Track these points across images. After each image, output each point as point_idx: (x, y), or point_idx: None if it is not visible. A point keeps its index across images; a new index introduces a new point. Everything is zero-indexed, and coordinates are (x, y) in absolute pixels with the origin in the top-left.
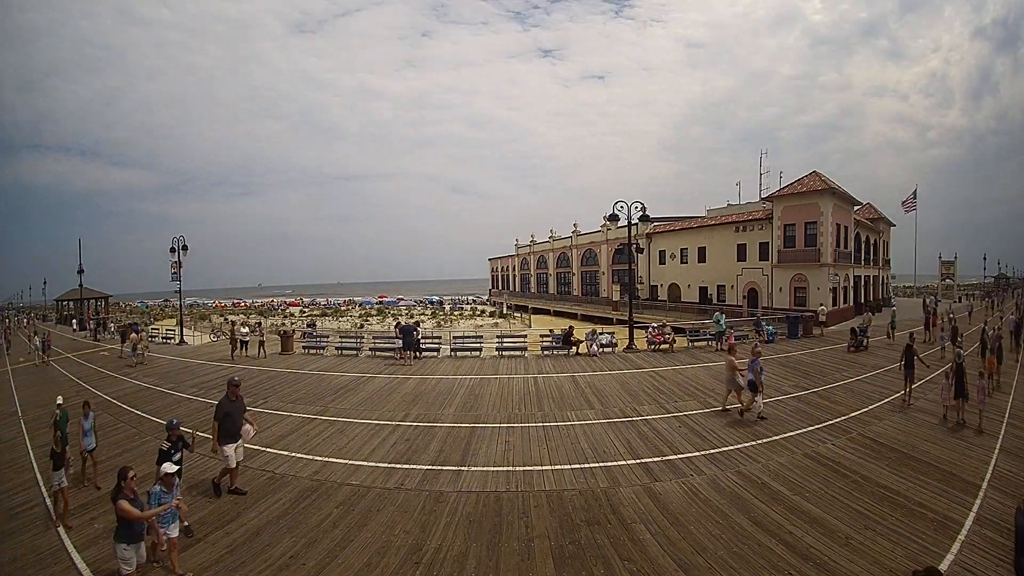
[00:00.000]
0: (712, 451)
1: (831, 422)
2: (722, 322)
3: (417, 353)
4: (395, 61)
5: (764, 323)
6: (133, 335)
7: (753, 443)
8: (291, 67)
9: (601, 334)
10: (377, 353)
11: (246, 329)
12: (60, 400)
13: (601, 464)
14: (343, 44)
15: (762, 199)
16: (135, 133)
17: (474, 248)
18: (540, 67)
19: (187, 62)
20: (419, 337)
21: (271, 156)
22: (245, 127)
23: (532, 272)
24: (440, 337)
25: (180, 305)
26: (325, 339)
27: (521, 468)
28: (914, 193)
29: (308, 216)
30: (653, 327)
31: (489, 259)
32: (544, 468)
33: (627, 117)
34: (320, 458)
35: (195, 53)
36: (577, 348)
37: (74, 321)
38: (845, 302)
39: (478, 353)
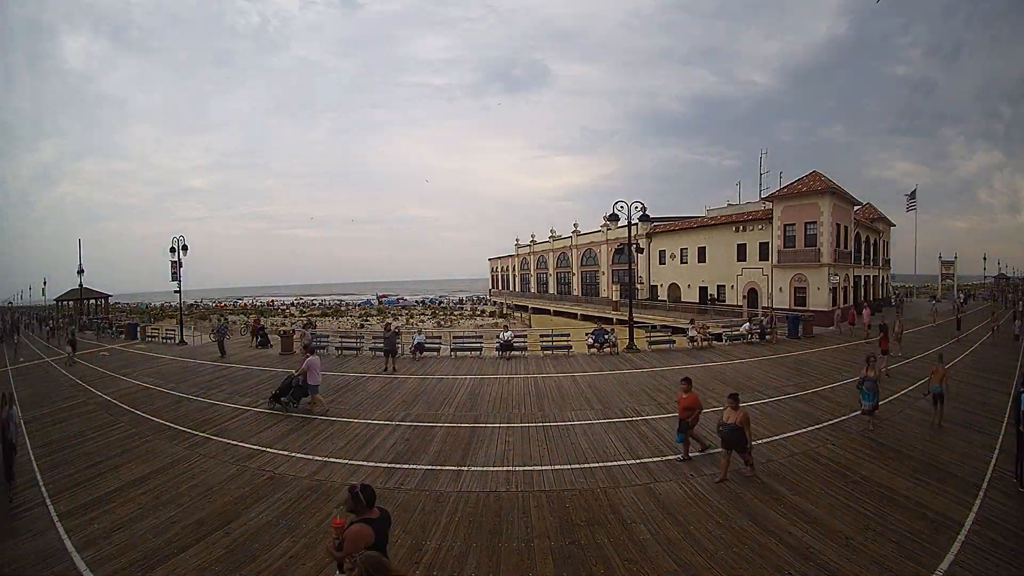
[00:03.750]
0: (712, 451)
1: (831, 422)
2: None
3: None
4: None
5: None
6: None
7: (753, 443)
8: None
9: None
10: (377, 353)
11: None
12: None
13: (601, 464)
14: None
15: (762, 199)
16: None
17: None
18: None
19: None
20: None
21: None
22: None
23: (532, 272)
24: (440, 337)
25: (180, 305)
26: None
27: (521, 468)
28: (912, 193)
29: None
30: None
31: (489, 259)
32: (544, 468)
33: None
34: (320, 458)
35: None
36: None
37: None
38: (845, 302)
39: (478, 353)
